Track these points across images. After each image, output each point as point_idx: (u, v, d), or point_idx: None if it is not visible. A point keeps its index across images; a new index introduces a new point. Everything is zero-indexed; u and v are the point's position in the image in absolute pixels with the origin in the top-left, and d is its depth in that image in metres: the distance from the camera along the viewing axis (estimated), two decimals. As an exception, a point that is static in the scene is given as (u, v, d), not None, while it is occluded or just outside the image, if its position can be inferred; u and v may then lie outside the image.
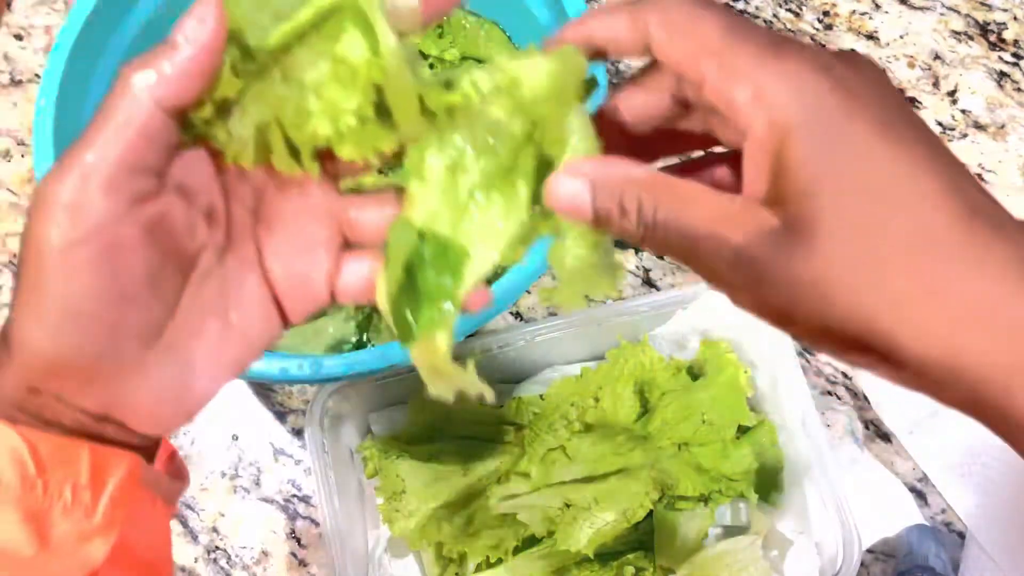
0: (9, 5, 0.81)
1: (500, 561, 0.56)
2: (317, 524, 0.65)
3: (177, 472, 0.33)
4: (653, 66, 0.29)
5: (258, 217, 0.30)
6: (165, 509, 0.31)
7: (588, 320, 0.61)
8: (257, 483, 0.68)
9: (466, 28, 0.67)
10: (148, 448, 0.31)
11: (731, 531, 0.60)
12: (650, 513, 0.57)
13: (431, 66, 0.67)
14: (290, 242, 0.31)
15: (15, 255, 0.48)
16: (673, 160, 0.33)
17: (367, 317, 0.63)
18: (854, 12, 0.77)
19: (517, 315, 0.70)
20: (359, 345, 0.63)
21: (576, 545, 0.55)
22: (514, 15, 0.64)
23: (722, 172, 0.31)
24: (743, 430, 0.60)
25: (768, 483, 0.60)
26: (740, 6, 0.77)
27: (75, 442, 0.28)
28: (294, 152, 0.29)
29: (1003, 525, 0.62)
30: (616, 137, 0.29)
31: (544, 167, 0.29)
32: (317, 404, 0.60)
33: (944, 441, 0.65)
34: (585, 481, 0.56)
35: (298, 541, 0.59)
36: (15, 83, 0.79)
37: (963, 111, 0.74)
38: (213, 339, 0.30)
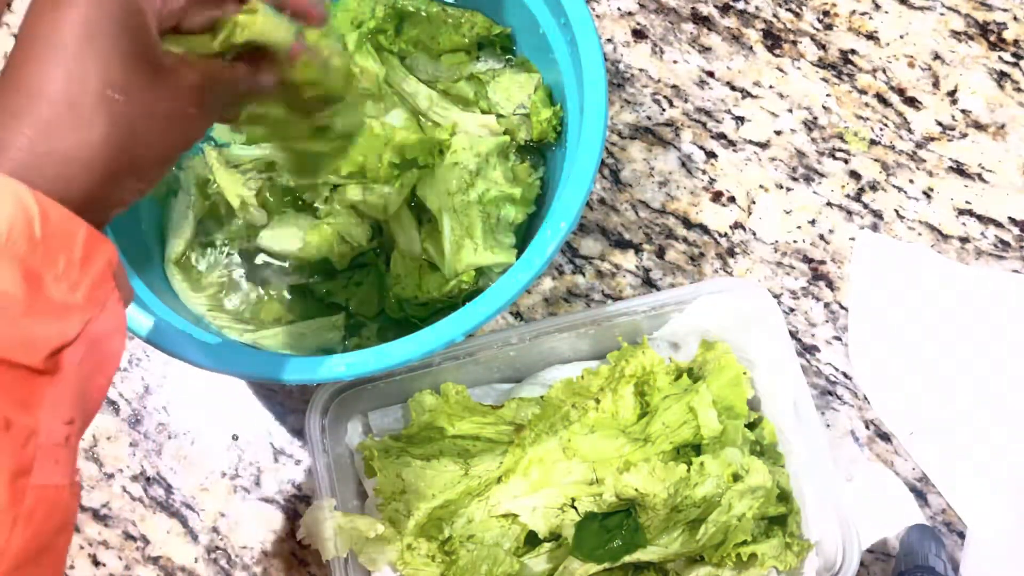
0: (9, 5, 0.81)
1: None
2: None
3: (125, 280, 0.36)
4: None
5: None
6: (123, 309, 0.35)
7: (588, 320, 0.61)
8: (257, 483, 0.68)
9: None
10: None
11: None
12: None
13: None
14: None
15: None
16: None
17: (355, 324, 0.63)
18: (854, 12, 0.77)
19: (517, 315, 0.70)
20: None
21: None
22: (515, 16, 0.64)
23: None
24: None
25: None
26: (740, 6, 0.77)
27: (77, 218, 0.31)
28: None
29: (1003, 525, 0.62)
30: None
31: None
32: (317, 404, 0.60)
33: (944, 441, 0.65)
34: (586, 484, 0.56)
35: (298, 541, 0.59)
36: (15, 83, 0.79)
37: (963, 111, 0.74)
38: None
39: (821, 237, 0.71)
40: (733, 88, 0.75)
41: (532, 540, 0.58)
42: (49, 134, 0.31)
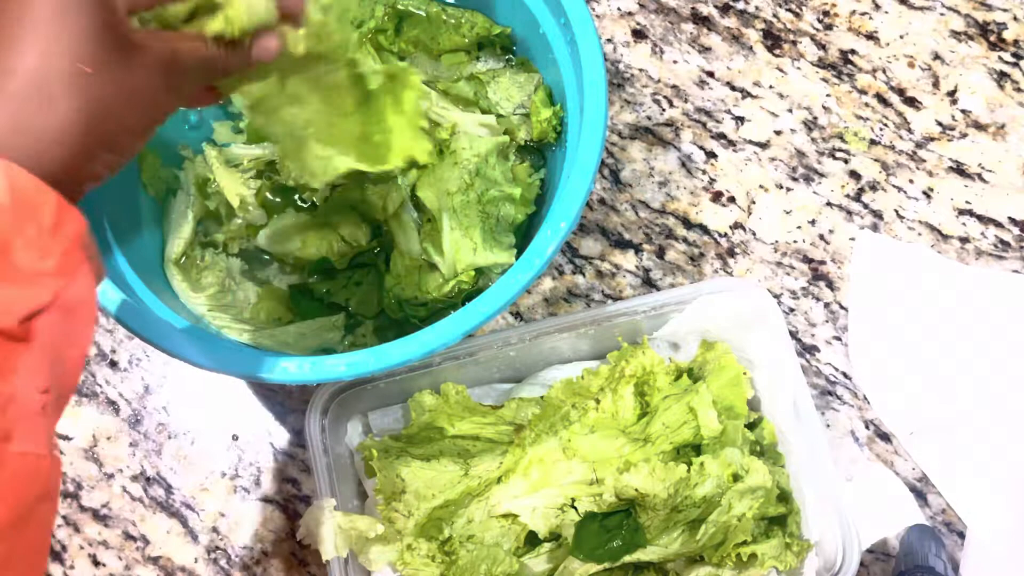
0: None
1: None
2: (317, 524, 0.65)
3: (96, 254, 0.37)
4: None
5: None
6: (94, 281, 0.35)
7: (588, 320, 0.61)
8: (257, 483, 0.68)
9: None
10: None
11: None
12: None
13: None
14: None
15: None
16: None
17: (355, 324, 0.63)
18: (854, 12, 0.77)
19: (517, 315, 0.70)
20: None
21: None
22: (515, 16, 0.64)
23: None
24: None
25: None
26: (740, 6, 0.77)
27: (46, 187, 0.32)
28: None
29: (1003, 525, 0.62)
30: None
31: None
32: (317, 404, 0.60)
33: (944, 441, 0.65)
34: (586, 484, 0.56)
35: (298, 541, 0.59)
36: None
37: (963, 111, 0.74)
38: None
39: (821, 237, 0.71)
40: (733, 88, 0.75)
41: (532, 540, 0.58)
42: (21, 110, 0.32)
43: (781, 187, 0.72)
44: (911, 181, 0.72)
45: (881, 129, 0.74)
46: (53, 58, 0.32)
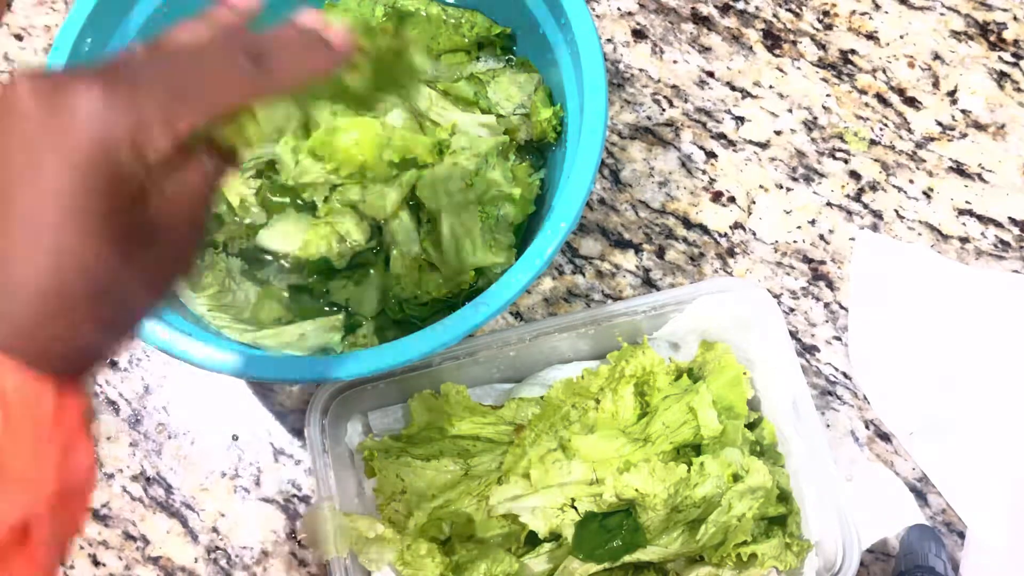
0: (9, 5, 0.81)
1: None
2: (317, 524, 0.65)
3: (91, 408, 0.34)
4: None
5: None
6: (92, 446, 0.32)
7: (588, 320, 0.61)
8: (257, 483, 0.68)
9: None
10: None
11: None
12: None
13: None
14: None
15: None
16: None
17: (354, 324, 0.63)
18: (854, 12, 0.77)
19: (517, 315, 0.70)
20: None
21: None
22: (515, 16, 0.64)
23: None
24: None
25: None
26: (740, 6, 0.77)
27: (41, 378, 0.28)
28: None
29: (1003, 525, 0.62)
30: None
31: None
32: (317, 404, 0.60)
33: (944, 441, 0.65)
34: (586, 484, 0.56)
35: (298, 541, 0.59)
36: (15, 83, 0.79)
37: (963, 111, 0.74)
38: None
39: (821, 237, 0.71)
40: (733, 88, 0.75)
41: (532, 540, 0.58)
42: (29, 326, 0.28)
43: (781, 187, 0.72)
44: (911, 181, 0.72)
45: (881, 129, 0.74)
46: (69, 275, 0.28)
